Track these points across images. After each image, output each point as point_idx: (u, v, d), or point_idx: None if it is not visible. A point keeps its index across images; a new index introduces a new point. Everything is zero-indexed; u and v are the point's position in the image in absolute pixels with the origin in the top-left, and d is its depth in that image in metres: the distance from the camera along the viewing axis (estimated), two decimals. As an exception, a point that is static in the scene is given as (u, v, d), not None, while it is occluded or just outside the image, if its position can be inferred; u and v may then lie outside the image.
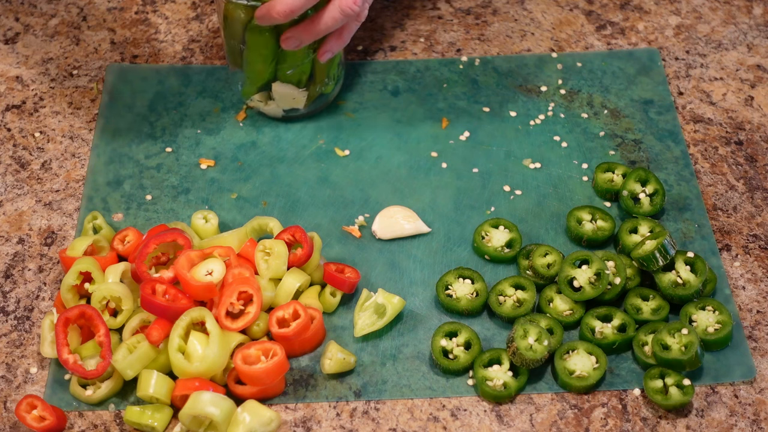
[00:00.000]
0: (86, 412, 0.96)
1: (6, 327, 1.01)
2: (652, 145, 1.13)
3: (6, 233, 1.08)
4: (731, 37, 1.23)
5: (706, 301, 0.99)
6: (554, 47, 1.23)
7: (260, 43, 1.08)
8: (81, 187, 1.11)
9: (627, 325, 0.98)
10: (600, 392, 0.96)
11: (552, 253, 1.03)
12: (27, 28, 1.27)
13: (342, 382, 0.97)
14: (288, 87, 1.12)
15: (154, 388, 0.93)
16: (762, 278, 1.02)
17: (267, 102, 1.14)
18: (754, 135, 1.14)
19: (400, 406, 0.95)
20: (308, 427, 0.94)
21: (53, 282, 1.04)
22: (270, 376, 0.93)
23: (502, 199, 1.10)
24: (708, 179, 1.10)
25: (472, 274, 1.02)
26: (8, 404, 0.96)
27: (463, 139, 1.15)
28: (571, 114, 1.16)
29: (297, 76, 1.11)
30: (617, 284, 1.00)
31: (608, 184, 1.09)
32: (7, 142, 1.16)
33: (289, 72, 1.10)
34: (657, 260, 0.99)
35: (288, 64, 1.10)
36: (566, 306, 1.00)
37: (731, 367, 0.97)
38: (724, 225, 1.06)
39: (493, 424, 0.94)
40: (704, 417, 0.94)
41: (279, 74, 1.11)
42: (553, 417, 0.94)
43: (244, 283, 0.96)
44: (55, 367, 0.98)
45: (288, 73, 1.10)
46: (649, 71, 1.20)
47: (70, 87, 1.21)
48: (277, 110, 1.15)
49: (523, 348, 0.95)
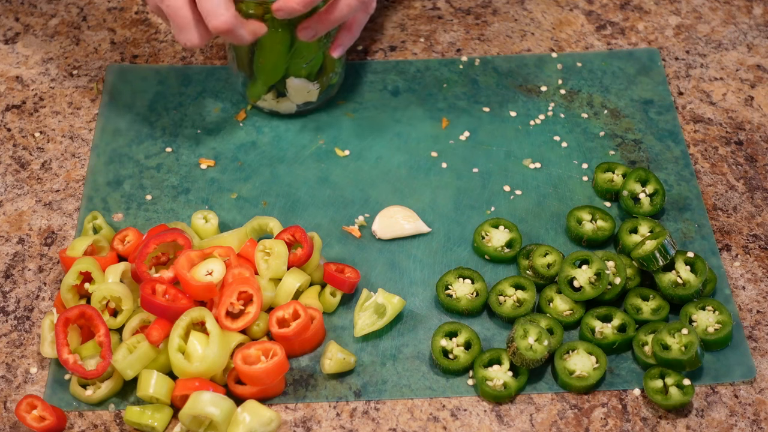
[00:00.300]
0: (86, 412, 0.96)
1: (6, 327, 1.01)
2: (652, 145, 1.13)
3: (6, 233, 1.08)
4: (731, 37, 1.23)
5: (706, 301, 0.99)
6: (554, 47, 1.23)
7: (275, 40, 1.08)
8: (81, 187, 1.11)
9: (627, 325, 0.98)
10: (600, 392, 0.96)
11: (552, 253, 1.03)
12: (27, 28, 1.27)
13: (342, 382, 0.97)
14: (302, 81, 1.12)
15: (154, 388, 0.93)
16: (762, 278, 1.02)
17: (279, 99, 1.15)
18: (754, 135, 1.14)
19: (400, 406, 0.96)
20: (308, 427, 0.94)
21: (53, 282, 1.04)
22: (270, 376, 0.93)
23: (502, 199, 1.10)
24: (708, 179, 1.10)
25: (472, 274, 1.02)
26: (8, 404, 0.96)
27: (463, 139, 1.15)
28: (571, 114, 1.16)
29: (309, 69, 1.11)
30: (617, 284, 1.00)
31: (608, 184, 1.09)
32: (7, 142, 1.16)
33: (304, 66, 1.11)
34: (657, 260, 0.99)
35: (302, 58, 1.10)
36: (566, 306, 1.00)
37: (731, 367, 0.97)
38: (724, 225, 1.06)
39: (493, 424, 0.94)
40: (704, 417, 0.94)
41: (293, 69, 1.11)
42: (553, 417, 0.94)
43: (244, 283, 0.96)
44: (55, 367, 0.98)
45: (303, 66, 1.11)
46: (649, 71, 1.20)
47: (70, 87, 1.21)
48: (290, 106, 1.15)
49: (523, 348, 0.95)
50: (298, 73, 1.12)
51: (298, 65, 1.11)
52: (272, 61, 1.10)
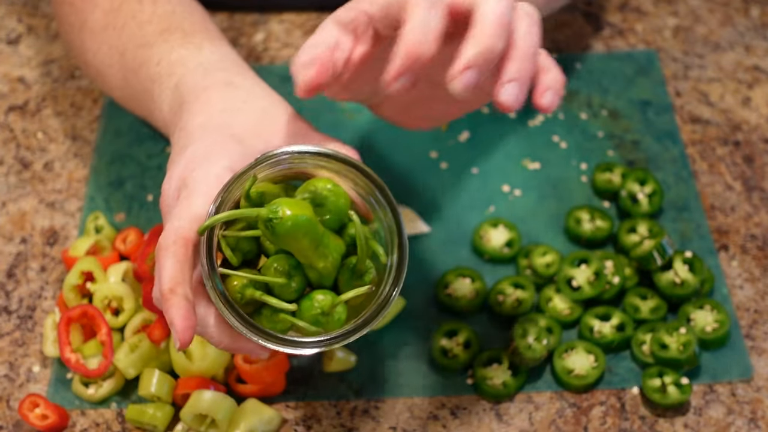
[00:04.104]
0: (88, 410, 0.96)
1: (9, 326, 1.02)
2: (650, 145, 1.14)
3: (9, 233, 1.09)
4: (729, 38, 1.23)
5: (704, 300, 1.00)
6: (553, 48, 1.23)
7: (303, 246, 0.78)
8: (83, 188, 1.12)
9: (625, 325, 0.98)
10: (598, 391, 0.96)
11: (551, 253, 1.03)
12: (30, 30, 1.27)
13: (342, 381, 0.97)
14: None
15: (155, 387, 0.94)
16: (759, 277, 1.03)
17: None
18: (751, 135, 1.14)
19: (399, 405, 0.96)
20: (309, 426, 0.95)
21: (55, 281, 1.05)
22: (271, 374, 0.93)
23: (501, 199, 1.10)
24: (706, 179, 1.10)
25: (471, 273, 1.03)
26: (11, 402, 0.97)
27: (463, 139, 1.15)
28: (570, 115, 1.17)
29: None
30: (616, 284, 1.00)
31: (607, 184, 1.09)
32: (10, 143, 1.16)
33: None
34: (655, 260, 1.00)
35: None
36: (565, 305, 1.00)
37: (729, 366, 0.97)
38: (721, 225, 1.07)
39: (492, 423, 0.94)
40: (702, 415, 0.94)
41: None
42: (552, 415, 0.95)
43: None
44: (57, 366, 0.99)
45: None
46: (647, 72, 1.20)
47: (72, 88, 1.21)
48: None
49: (522, 347, 0.95)
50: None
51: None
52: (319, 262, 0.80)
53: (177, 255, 0.76)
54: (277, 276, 0.78)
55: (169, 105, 0.91)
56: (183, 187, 0.80)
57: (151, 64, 0.94)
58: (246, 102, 0.87)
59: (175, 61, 0.93)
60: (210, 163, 0.80)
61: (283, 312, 0.78)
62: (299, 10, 1.26)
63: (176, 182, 0.81)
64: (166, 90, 0.92)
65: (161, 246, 0.77)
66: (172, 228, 0.77)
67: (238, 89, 0.88)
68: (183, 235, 0.77)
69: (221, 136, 0.83)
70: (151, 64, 0.94)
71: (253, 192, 0.79)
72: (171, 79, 0.91)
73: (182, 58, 0.93)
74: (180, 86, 0.90)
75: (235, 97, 0.87)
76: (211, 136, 0.83)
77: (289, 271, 0.78)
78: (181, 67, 0.92)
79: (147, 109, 0.97)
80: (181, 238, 0.77)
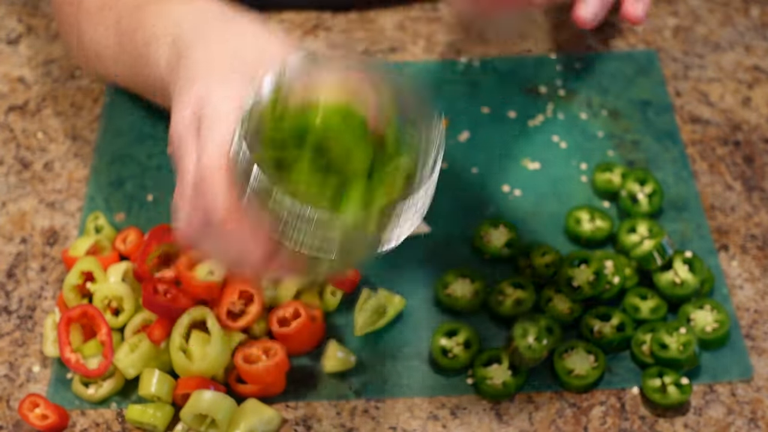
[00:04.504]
0: (88, 410, 0.96)
1: (9, 326, 1.02)
2: (650, 145, 1.14)
3: (9, 233, 1.09)
4: (729, 38, 1.23)
5: (704, 300, 1.00)
6: (553, 48, 1.23)
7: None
8: (83, 188, 1.12)
9: (625, 325, 0.98)
10: (598, 391, 0.96)
11: (551, 253, 1.03)
12: (30, 30, 1.27)
13: (342, 381, 0.97)
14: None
15: (155, 387, 0.94)
16: (759, 277, 1.03)
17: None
18: (751, 135, 1.14)
19: (400, 405, 0.96)
20: (309, 426, 0.95)
21: (55, 281, 1.05)
22: (271, 374, 0.93)
23: (501, 199, 1.10)
24: (706, 179, 1.11)
25: (471, 273, 1.03)
26: (11, 402, 0.97)
27: (463, 139, 1.15)
28: (570, 115, 1.17)
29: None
30: (616, 284, 1.00)
31: (607, 184, 1.09)
32: (10, 143, 1.16)
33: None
34: (655, 260, 1.00)
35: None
36: (565, 305, 1.00)
37: (729, 366, 0.97)
38: (721, 225, 1.07)
39: (492, 423, 0.94)
40: (702, 415, 0.94)
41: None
42: (552, 415, 0.95)
43: (245, 283, 0.97)
44: (57, 366, 0.99)
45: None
46: (647, 72, 1.20)
47: (72, 88, 1.21)
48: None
49: (522, 347, 0.95)
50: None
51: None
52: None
53: (221, 183, 0.76)
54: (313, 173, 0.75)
55: (166, 60, 0.91)
56: (202, 119, 0.80)
57: (147, 26, 0.95)
58: (246, 35, 0.87)
59: (171, 19, 0.93)
60: (223, 91, 0.80)
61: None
62: (299, 10, 1.26)
63: (189, 119, 0.81)
64: (163, 46, 0.92)
65: (196, 181, 0.77)
66: (203, 160, 0.77)
67: (238, 25, 0.89)
68: (217, 165, 0.77)
69: (228, 69, 0.83)
70: (147, 25, 0.95)
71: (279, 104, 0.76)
72: (167, 38, 0.92)
73: (177, 15, 0.93)
74: (177, 41, 0.90)
75: (235, 33, 0.88)
76: (217, 70, 0.84)
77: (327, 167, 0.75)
78: (176, 25, 0.92)
79: (142, 75, 0.97)
80: (216, 168, 0.77)
